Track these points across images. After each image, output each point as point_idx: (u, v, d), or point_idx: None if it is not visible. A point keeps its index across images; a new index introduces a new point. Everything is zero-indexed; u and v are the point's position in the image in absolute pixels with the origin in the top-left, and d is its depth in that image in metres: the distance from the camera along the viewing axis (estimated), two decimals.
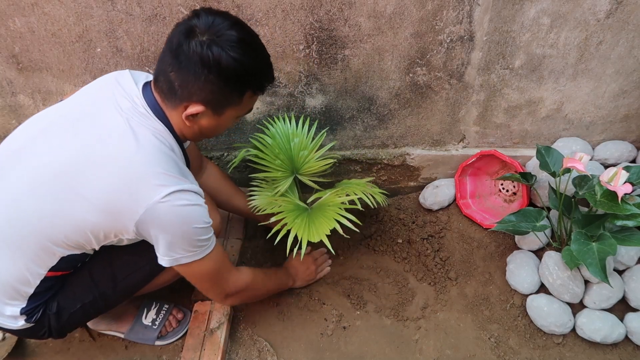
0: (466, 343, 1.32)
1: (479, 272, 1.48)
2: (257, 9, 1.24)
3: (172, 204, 0.89)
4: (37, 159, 0.93)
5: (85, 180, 0.89)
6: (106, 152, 0.89)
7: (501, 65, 1.38)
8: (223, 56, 0.86)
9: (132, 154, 0.89)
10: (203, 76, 0.88)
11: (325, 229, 1.21)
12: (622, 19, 1.27)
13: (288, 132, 1.43)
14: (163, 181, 0.88)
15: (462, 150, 1.61)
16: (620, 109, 1.48)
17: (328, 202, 1.31)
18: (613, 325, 1.25)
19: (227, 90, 0.91)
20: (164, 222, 0.90)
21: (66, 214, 0.91)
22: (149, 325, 1.34)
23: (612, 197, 1.17)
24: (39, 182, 0.91)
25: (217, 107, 0.94)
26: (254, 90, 0.96)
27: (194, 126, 0.97)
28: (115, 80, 0.99)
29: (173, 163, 0.93)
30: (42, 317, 1.04)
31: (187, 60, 0.87)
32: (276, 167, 1.39)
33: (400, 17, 1.27)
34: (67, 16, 1.25)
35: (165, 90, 0.93)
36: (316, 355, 1.32)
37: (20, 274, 0.96)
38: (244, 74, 0.90)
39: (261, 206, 1.33)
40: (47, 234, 0.93)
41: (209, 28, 0.87)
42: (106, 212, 0.90)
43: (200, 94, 0.90)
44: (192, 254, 0.97)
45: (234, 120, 1.01)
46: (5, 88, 1.41)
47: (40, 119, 1.00)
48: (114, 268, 1.09)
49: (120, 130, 0.91)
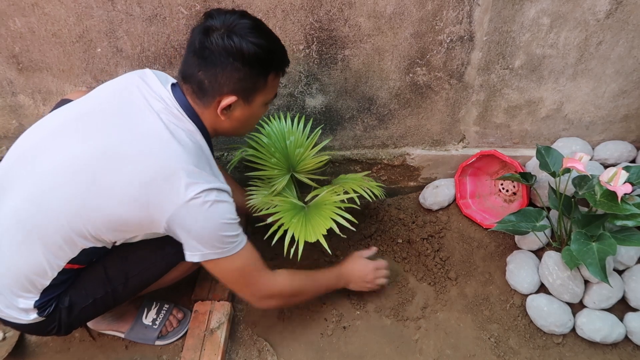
0: (466, 343, 1.32)
1: (479, 272, 1.48)
2: (257, 9, 1.24)
3: (202, 200, 0.92)
4: (67, 151, 0.95)
5: (120, 176, 0.92)
6: (141, 149, 0.93)
7: (501, 65, 1.38)
8: (244, 43, 0.93)
9: (166, 152, 0.93)
10: (229, 65, 0.94)
11: (322, 229, 1.21)
12: (622, 19, 1.27)
13: (283, 131, 1.43)
14: (195, 179, 0.92)
15: (462, 150, 1.61)
16: (620, 109, 1.48)
17: (325, 201, 1.31)
18: (613, 325, 1.25)
19: (253, 74, 0.97)
20: (193, 220, 0.94)
21: (98, 207, 0.93)
22: (149, 325, 1.34)
23: (612, 197, 1.17)
24: (69, 174, 0.93)
25: (247, 95, 1.00)
26: (276, 70, 1.02)
27: (228, 120, 1.03)
28: (141, 80, 1.02)
29: (205, 162, 0.98)
30: (54, 311, 1.05)
31: (212, 54, 0.93)
32: (272, 165, 1.40)
33: (400, 17, 1.27)
34: (67, 16, 1.25)
35: (196, 90, 0.98)
36: (316, 355, 1.32)
37: (39, 265, 0.97)
38: (264, 56, 0.96)
39: (258, 205, 1.33)
40: (74, 225, 0.94)
41: (224, 23, 0.94)
42: (139, 208, 0.93)
43: (229, 84, 0.96)
44: (221, 251, 0.99)
45: (263, 107, 1.07)
46: (6, 88, 1.41)
47: (68, 110, 1.02)
48: (127, 264, 1.10)
49: (158, 130, 0.95)
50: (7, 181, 0.98)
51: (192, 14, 1.25)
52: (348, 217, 1.24)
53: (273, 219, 1.27)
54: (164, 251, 1.09)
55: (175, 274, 1.18)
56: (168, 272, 1.15)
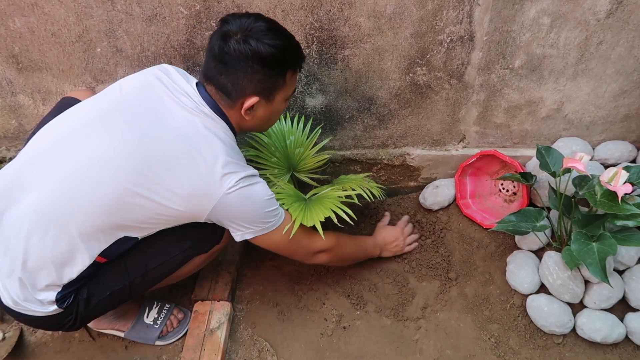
0: (466, 343, 1.32)
1: (479, 272, 1.48)
2: (257, 9, 1.24)
3: (239, 187, 0.99)
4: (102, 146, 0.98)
5: (165, 171, 0.97)
6: (185, 147, 0.98)
7: (501, 65, 1.38)
8: (260, 46, 0.97)
9: (205, 147, 0.99)
10: (249, 68, 0.99)
11: (320, 216, 1.22)
12: (623, 18, 1.27)
13: (283, 131, 1.43)
14: (231, 169, 0.99)
15: (462, 150, 1.61)
16: (621, 109, 1.48)
17: (327, 195, 1.31)
18: (613, 325, 1.25)
19: (272, 75, 1.02)
20: (238, 205, 1.02)
21: (142, 203, 0.97)
22: (151, 324, 1.34)
23: (612, 197, 1.17)
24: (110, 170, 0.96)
25: (268, 95, 1.05)
26: (293, 68, 1.07)
27: (253, 119, 1.09)
28: (165, 74, 1.06)
29: (237, 154, 1.05)
30: (72, 303, 1.06)
31: (232, 59, 0.98)
32: (272, 164, 1.40)
33: (400, 17, 1.27)
34: (67, 16, 1.25)
35: (219, 92, 1.04)
36: (316, 355, 1.32)
37: (72, 258, 1.00)
38: (281, 55, 1.00)
39: None
40: (114, 218, 0.98)
41: (240, 27, 0.98)
42: (187, 202, 0.99)
43: (251, 85, 1.02)
44: (270, 225, 1.09)
45: (284, 103, 1.12)
46: (5, 88, 1.41)
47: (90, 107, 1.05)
48: (147, 257, 1.12)
49: (193, 127, 1.00)
50: (29, 178, 0.99)
51: (192, 13, 1.25)
52: (347, 211, 1.24)
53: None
54: (183, 245, 1.14)
55: (188, 268, 1.21)
56: (183, 265, 1.18)
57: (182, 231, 1.10)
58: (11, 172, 1.02)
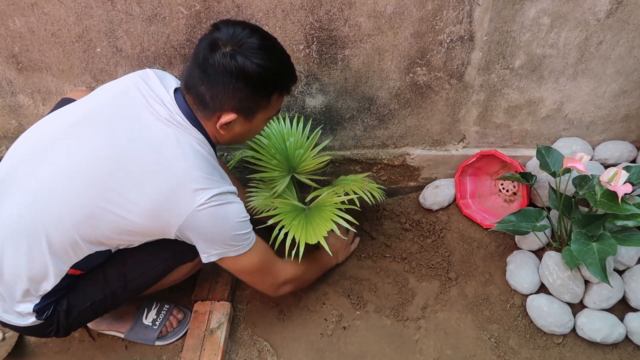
0: (466, 343, 1.32)
1: (479, 272, 1.48)
2: (257, 9, 1.24)
3: (214, 205, 0.94)
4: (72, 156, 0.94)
5: (133, 186, 0.92)
6: (153, 159, 0.93)
7: (501, 65, 1.38)
8: (247, 64, 0.91)
9: (178, 161, 0.94)
10: (231, 85, 0.93)
11: (323, 231, 1.21)
12: (622, 18, 1.27)
13: (283, 132, 1.43)
14: (204, 185, 0.94)
15: (462, 150, 1.61)
16: (621, 109, 1.48)
17: (325, 202, 1.31)
18: (613, 325, 1.25)
19: (255, 95, 0.96)
20: (207, 224, 0.96)
21: (110, 216, 0.93)
22: (149, 325, 1.34)
23: (612, 197, 1.17)
24: (78, 180, 0.93)
25: (248, 113, 0.99)
26: (280, 91, 1.01)
27: (228, 134, 1.03)
28: (143, 82, 1.01)
29: (212, 168, 0.98)
30: (52, 314, 1.05)
31: (215, 72, 0.92)
32: (273, 167, 1.40)
33: (400, 17, 1.27)
34: (67, 16, 1.25)
35: (197, 102, 0.98)
36: (316, 355, 1.32)
37: (43, 271, 0.97)
38: (269, 78, 0.95)
39: (259, 207, 1.33)
40: (82, 232, 0.95)
41: (231, 39, 0.92)
42: (152, 216, 0.94)
43: (231, 102, 0.95)
44: (238, 248, 1.03)
45: (264, 122, 1.06)
46: (5, 88, 1.41)
47: (69, 114, 1.01)
48: (126, 267, 1.10)
49: (164, 138, 0.95)
50: (6, 185, 0.97)
51: (192, 13, 1.25)
52: (349, 218, 1.24)
53: (274, 221, 1.27)
54: (163, 255, 1.10)
55: (174, 276, 1.18)
56: (167, 275, 1.15)
57: (163, 242, 1.04)
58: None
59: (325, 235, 1.21)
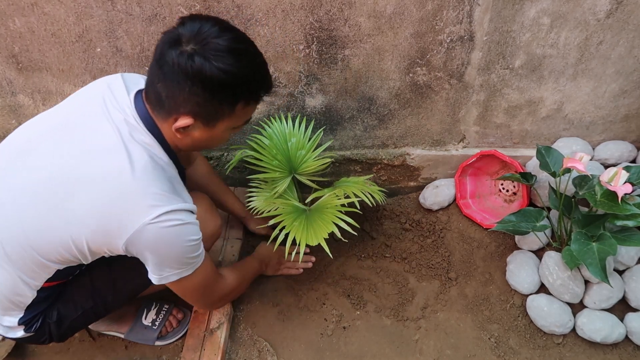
0: (466, 343, 1.32)
1: (479, 272, 1.48)
2: (257, 9, 1.24)
3: (163, 225, 0.85)
4: (25, 172, 0.90)
5: (75, 198, 0.86)
6: (98, 169, 0.86)
7: (501, 65, 1.38)
8: (206, 67, 0.81)
9: (123, 172, 0.85)
10: (187, 87, 0.83)
11: (324, 233, 1.21)
12: (622, 19, 1.27)
13: (285, 132, 1.43)
14: (154, 201, 0.85)
15: (462, 150, 1.61)
16: (621, 109, 1.48)
17: (326, 204, 1.31)
18: (613, 326, 1.25)
19: (215, 102, 0.86)
20: (153, 243, 0.88)
21: (55, 230, 0.88)
22: (149, 325, 1.34)
23: (612, 197, 1.17)
24: (27, 196, 0.88)
25: (207, 120, 0.89)
26: (246, 100, 0.90)
27: (187, 139, 0.93)
28: (108, 87, 0.95)
29: (166, 181, 0.89)
30: (41, 326, 1.03)
31: (171, 71, 0.83)
32: (274, 167, 1.39)
33: (400, 17, 1.27)
34: (67, 16, 1.25)
35: (154, 101, 0.89)
36: (316, 355, 1.32)
37: (15, 285, 0.94)
38: (232, 84, 0.85)
39: (260, 208, 1.33)
40: (37, 248, 0.90)
41: (195, 36, 0.82)
42: (96, 231, 0.87)
43: (187, 106, 0.86)
44: (182, 271, 0.95)
45: (230, 131, 0.96)
46: (5, 88, 1.41)
47: (28, 128, 0.97)
48: (114, 274, 1.07)
49: (112, 146, 0.87)
50: None
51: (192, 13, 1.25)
52: (350, 221, 1.23)
53: (275, 222, 1.27)
54: None
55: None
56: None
57: None
58: None
59: (325, 237, 1.20)
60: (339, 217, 1.24)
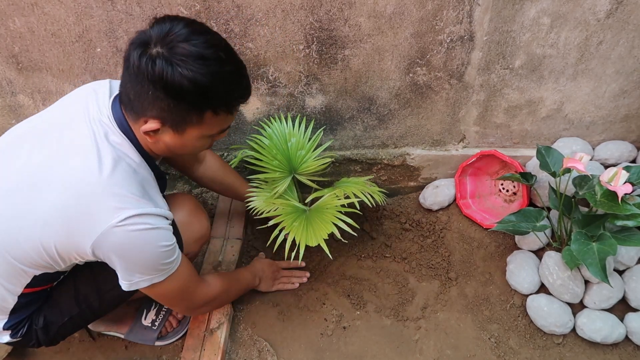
0: (466, 343, 1.32)
1: (479, 272, 1.48)
2: (257, 9, 1.24)
3: (130, 228, 0.83)
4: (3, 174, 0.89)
5: (41, 198, 0.84)
6: (65, 169, 0.85)
7: (501, 65, 1.38)
8: (169, 72, 0.77)
9: (90, 174, 0.83)
10: (150, 92, 0.80)
11: (323, 233, 1.21)
12: (623, 18, 1.27)
13: (285, 133, 1.43)
14: (122, 204, 0.83)
15: (462, 150, 1.61)
16: (621, 109, 1.48)
17: (326, 205, 1.31)
18: (613, 326, 1.25)
19: (180, 108, 0.83)
20: (120, 247, 0.85)
21: (23, 232, 0.86)
22: (149, 326, 1.34)
23: (612, 197, 1.17)
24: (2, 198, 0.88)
25: (175, 125, 0.86)
26: (214, 110, 0.85)
27: (159, 143, 0.90)
28: (93, 91, 0.95)
29: (135, 184, 0.87)
30: (28, 331, 1.02)
31: (135, 73, 0.80)
32: (274, 167, 1.39)
33: (400, 17, 1.27)
34: (67, 16, 1.25)
35: (126, 102, 0.87)
36: (316, 355, 1.32)
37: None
38: (196, 92, 0.80)
39: (260, 208, 1.33)
40: (11, 252, 0.89)
41: (162, 39, 0.79)
42: (61, 233, 0.85)
43: (153, 110, 0.83)
44: (153, 277, 0.92)
45: (206, 139, 0.92)
46: (5, 88, 1.41)
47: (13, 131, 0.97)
48: (98, 280, 1.05)
49: (83, 146, 0.86)
50: None
51: (192, 13, 1.25)
52: (350, 221, 1.23)
53: (275, 222, 1.27)
54: None
55: None
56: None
57: None
58: None
59: (325, 238, 1.20)
60: (338, 218, 1.24)
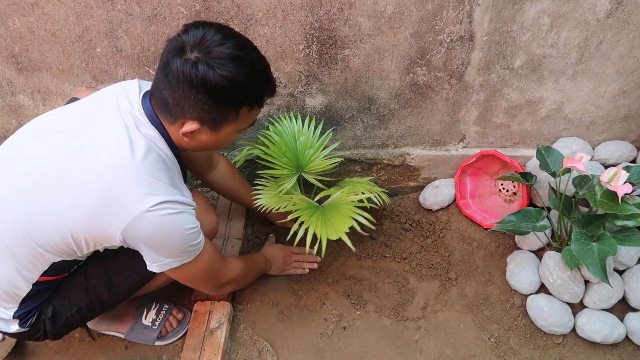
0: (466, 343, 1.32)
1: (479, 272, 1.48)
2: (257, 9, 1.24)
3: (160, 213, 0.88)
4: (31, 161, 0.92)
5: (74, 184, 0.88)
6: (99, 156, 0.88)
7: (501, 65, 1.38)
8: (210, 75, 0.83)
9: (123, 161, 0.88)
10: (192, 95, 0.86)
11: (344, 227, 1.21)
12: (622, 18, 1.27)
13: (294, 131, 1.43)
14: (152, 190, 0.88)
15: (462, 150, 1.61)
16: (621, 109, 1.48)
17: (341, 201, 1.31)
18: (613, 325, 1.25)
19: (220, 108, 0.89)
20: (151, 231, 0.89)
21: (52, 216, 0.89)
22: (149, 325, 1.34)
23: (612, 197, 1.17)
24: (29, 184, 0.90)
25: (213, 124, 0.92)
26: (250, 105, 0.93)
27: (194, 141, 0.96)
28: (123, 88, 0.99)
29: (165, 173, 0.92)
30: (36, 321, 1.03)
31: (176, 79, 0.85)
32: (282, 164, 1.40)
33: (400, 17, 1.27)
34: (67, 16, 1.25)
35: (160, 106, 0.92)
36: (316, 355, 1.32)
37: (12, 277, 0.95)
38: (235, 91, 0.87)
39: (268, 205, 1.33)
40: (36, 238, 0.91)
41: (198, 44, 0.85)
42: (92, 218, 0.88)
43: (193, 112, 0.89)
44: (183, 258, 0.98)
45: (236, 133, 0.99)
46: (5, 88, 1.41)
47: (41, 121, 0.99)
48: (109, 271, 1.07)
49: (116, 135, 0.90)
50: None
51: (192, 13, 1.25)
52: (367, 216, 1.24)
53: (293, 217, 1.27)
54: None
55: (164, 277, 1.12)
56: (154, 277, 1.12)
57: None
58: None
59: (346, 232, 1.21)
60: (357, 213, 1.25)
